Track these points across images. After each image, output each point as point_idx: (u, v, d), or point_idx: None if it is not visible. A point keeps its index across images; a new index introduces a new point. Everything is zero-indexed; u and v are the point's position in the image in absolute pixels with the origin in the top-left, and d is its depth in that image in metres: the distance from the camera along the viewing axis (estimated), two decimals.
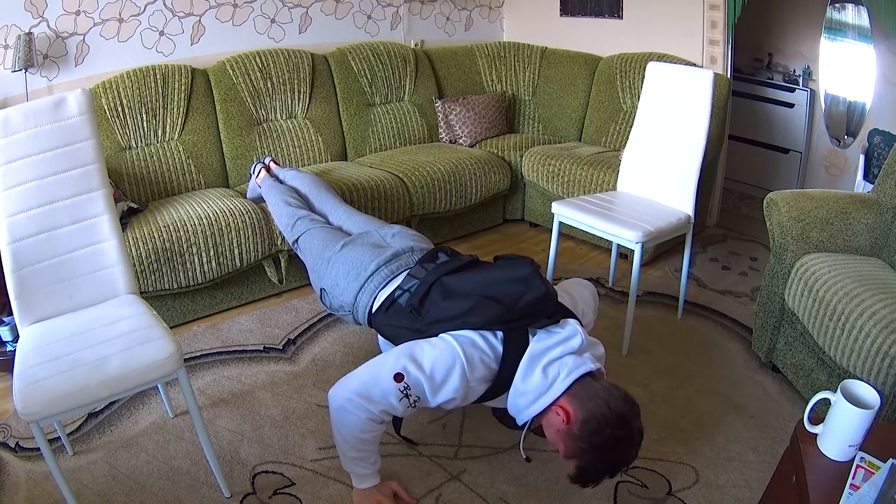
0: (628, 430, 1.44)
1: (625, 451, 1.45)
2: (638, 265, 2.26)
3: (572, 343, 1.56)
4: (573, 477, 1.48)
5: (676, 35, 3.40)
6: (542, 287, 1.61)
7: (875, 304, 1.72)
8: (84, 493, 1.70)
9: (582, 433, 1.44)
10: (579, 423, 1.44)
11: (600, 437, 1.42)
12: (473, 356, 1.52)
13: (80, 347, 1.52)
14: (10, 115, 1.56)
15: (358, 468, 1.64)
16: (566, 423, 1.47)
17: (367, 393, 1.51)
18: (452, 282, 1.70)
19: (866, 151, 3.11)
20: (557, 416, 1.48)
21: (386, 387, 1.50)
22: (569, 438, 1.46)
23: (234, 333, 2.50)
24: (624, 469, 1.50)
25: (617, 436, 1.43)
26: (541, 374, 1.52)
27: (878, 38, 3.14)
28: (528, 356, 1.54)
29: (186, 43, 3.07)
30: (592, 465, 1.45)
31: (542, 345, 1.55)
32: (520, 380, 1.53)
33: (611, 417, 1.42)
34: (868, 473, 1.17)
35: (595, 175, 3.06)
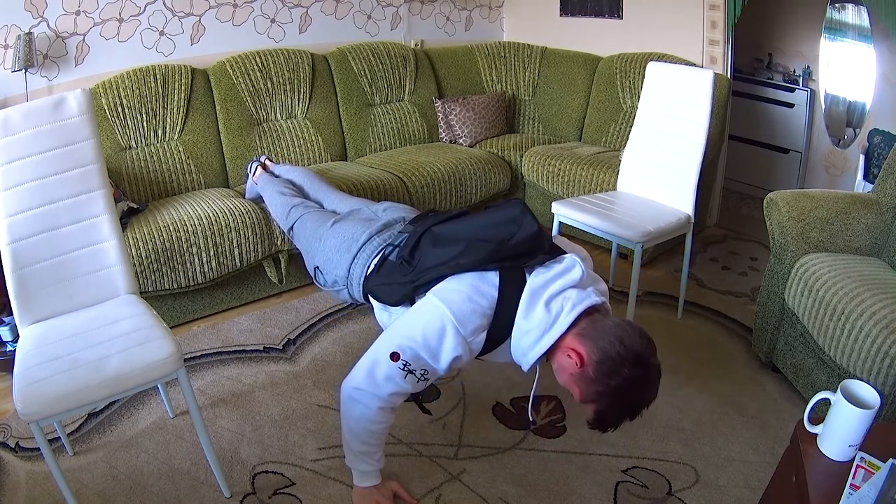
0: (646, 369, 1.36)
1: (644, 392, 1.38)
2: (638, 265, 2.26)
3: (572, 275, 1.49)
4: (592, 423, 1.42)
5: (676, 35, 3.40)
6: (534, 224, 1.57)
7: (875, 304, 1.72)
8: (84, 493, 1.70)
9: (597, 375, 1.36)
10: (594, 365, 1.36)
11: (618, 379, 1.34)
12: (463, 310, 1.44)
13: (80, 347, 1.52)
14: (10, 115, 1.56)
15: (362, 464, 1.63)
16: (580, 367, 1.39)
17: (373, 380, 1.48)
18: (442, 230, 1.67)
19: (866, 151, 3.11)
20: (569, 358, 1.41)
21: (387, 370, 1.47)
22: (584, 382, 1.39)
23: (234, 333, 2.50)
24: (644, 410, 1.41)
25: (635, 376, 1.35)
26: (543, 309, 1.44)
27: (878, 38, 3.14)
28: (527, 292, 1.46)
29: (186, 43, 3.07)
30: (611, 408, 1.38)
31: (541, 279, 1.48)
32: (522, 317, 1.45)
33: (627, 356, 1.34)
34: (868, 473, 1.17)
35: (595, 175, 3.05)
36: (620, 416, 1.40)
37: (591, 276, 1.58)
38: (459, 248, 1.56)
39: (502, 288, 1.47)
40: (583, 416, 2.03)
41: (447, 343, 1.44)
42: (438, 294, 1.49)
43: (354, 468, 1.65)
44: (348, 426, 1.57)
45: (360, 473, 1.66)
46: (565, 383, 1.46)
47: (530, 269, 1.52)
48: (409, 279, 1.60)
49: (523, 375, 2.23)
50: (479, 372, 2.25)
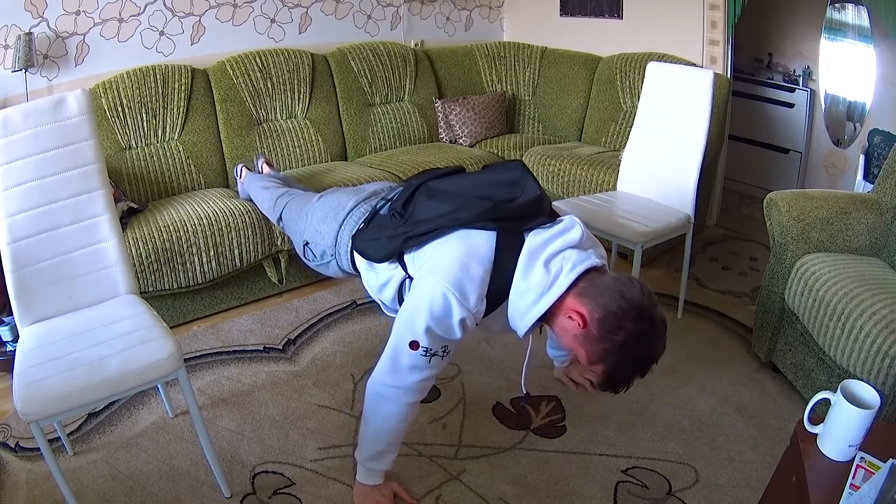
0: (650, 322, 1.33)
1: (650, 345, 1.34)
2: (638, 265, 2.26)
3: (572, 235, 1.46)
4: (602, 384, 1.39)
5: (676, 35, 3.39)
6: (536, 189, 1.52)
7: (875, 304, 1.72)
8: (84, 493, 1.70)
9: (601, 333, 1.33)
10: (597, 323, 1.33)
11: (622, 334, 1.31)
12: (462, 282, 1.39)
13: (80, 347, 1.52)
14: (10, 115, 1.56)
15: (375, 463, 1.61)
16: (583, 327, 1.35)
17: (399, 372, 1.46)
18: (438, 184, 1.62)
19: (866, 151, 3.10)
20: (571, 320, 1.37)
21: (410, 360, 1.45)
22: (588, 342, 1.35)
23: (234, 333, 2.50)
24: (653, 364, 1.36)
25: (640, 329, 1.31)
26: (542, 269, 1.40)
27: (878, 38, 3.14)
28: (525, 252, 1.42)
29: (186, 43, 3.07)
30: (620, 365, 1.35)
31: (540, 238, 1.44)
32: (520, 278, 1.41)
33: (629, 310, 1.31)
34: (868, 473, 1.17)
35: (595, 175, 3.05)
36: (630, 372, 1.37)
37: (590, 239, 1.54)
38: (457, 203, 1.51)
39: (499, 248, 1.43)
40: (583, 415, 2.04)
41: (455, 316, 1.40)
42: (434, 271, 1.43)
43: (365, 466, 1.63)
44: (374, 425, 1.54)
45: (368, 472, 1.64)
46: (570, 346, 1.42)
47: (528, 230, 1.47)
48: (401, 231, 1.56)
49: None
50: (480, 372, 2.25)
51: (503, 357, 2.34)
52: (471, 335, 1.47)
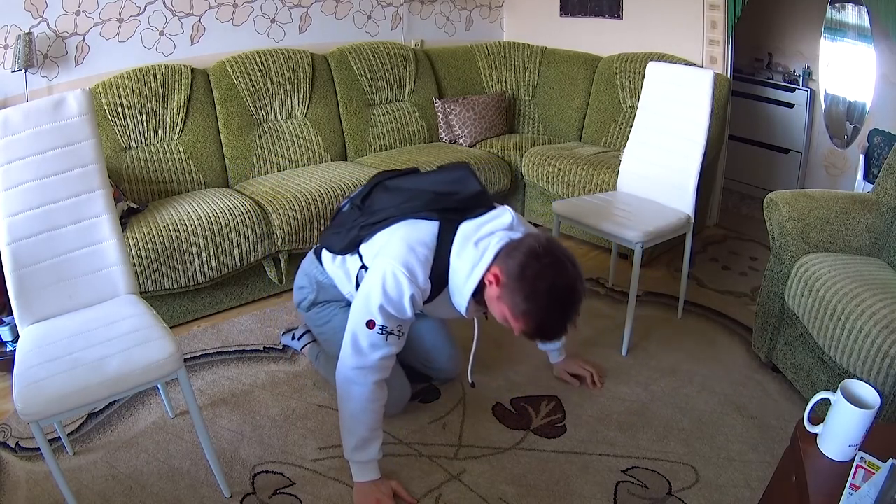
0: (554, 256, 1.44)
1: (561, 277, 1.43)
2: (638, 265, 2.26)
3: (502, 220, 1.61)
4: (536, 332, 1.48)
5: (676, 35, 3.40)
6: (477, 186, 1.70)
7: (875, 304, 1.72)
8: (84, 494, 1.70)
9: (514, 283, 1.44)
10: (509, 276, 1.45)
11: (530, 273, 1.42)
12: (409, 262, 1.54)
13: (80, 347, 1.52)
14: (10, 115, 1.56)
15: (363, 454, 1.63)
16: (499, 285, 1.48)
17: (360, 353, 1.58)
18: (394, 183, 1.80)
19: (866, 151, 3.11)
20: (492, 285, 1.50)
21: (368, 339, 1.57)
22: (507, 297, 1.46)
23: (234, 333, 2.50)
24: (578, 308, 1.45)
25: (545, 264, 1.43)
26: (473, 248, 1.56)
27: (878, 38, 3.14)
28: (459, 236, 1.59)
29: (186, 43, 3.07)
30: (542, 310, 1.43)
31: (473, 224, 1.60)
32: (456, 257, 1.57)
33: (531, 254, 1.43)
34: (868, 473, 1.17)
35: (595, 175, 3.05)
36: (553, 312, 1.44)
37: (522, 224, 1.68)
38: (406, 197, 1.69)
39: (441, 235, 1.59)
40: (583, 416, 2.04)
41: (406, 294, 1.54)
42: (385, 254, 1.59)
43: (354, 461, 1.66)
44: (349, 411, 1.62)
45: (359, 466, 1.66)
46: (498, 312, 1.52)
47: (466, 220, 1.63)
48: (359, 222, 1.74)
49: (524, 375, 2.24)
50: (479, 372, 2.25)
51: (503, 357, 2.34)
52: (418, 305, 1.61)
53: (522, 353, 2.38)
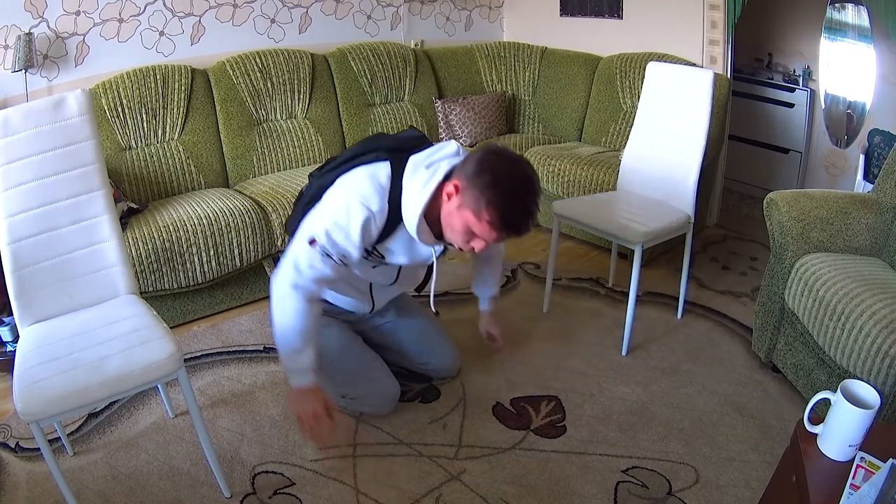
0: (501, 152, 1.55)
1: (523, 171, 1.52)
2: (638, 265, 2.26)
3: (449, 149, 1.67)
4: (502, 225, 1.52)
5: (676, 35, 3.40)
6: (420, 132, 1.80)
7: (875, 304, 1.72)
8: (84, 494, 1.70)
9: (477, 177, 1.50)
10: (470, 175, 1.51)
11: (490, 165, 1.50)
12: (363, 187, 1.60)
13: (80, 348, 1.52)
14: (10, 115, 1.56)
15: (297, 362, 1.65)
16: (458, 192, 1.54)
17: (298, 270, 1.61)
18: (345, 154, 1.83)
19: (866, 151, 3.11)
20: (449, 199, 1.56)
21: (308, 257, 1.60)
22: (469, 195, 1.51)
23: (235, 333, 2.50)
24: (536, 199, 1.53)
25: (505, 160, 1.52)
26: (424, 170, 1.61)
27: (878, 38, 3.14)
28: (410, 164, 1.63)
29: (186, 43, 3.07)
30: (506, 195, 1.49)
31: (422, 154, 1.66)
32: (408, 180, 1.61)
33: (484, 156, 1.53)
34: (868, 473, 1.17)
35: (595, 175, 3.06)
36: (515, 199, 1.50)
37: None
38: (356, 150, 1.74)
39: (393, 171, 1.63)
40: (583, 415, 2.04)
41: (354, 217, 1.57)
42: (340, 183, 1.65)
43: (290, 368, 1.67)
44: (283, 323, 1.63)
45: (295, 373, 1.66)
46: (461, 228, 1.56)
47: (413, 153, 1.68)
48: (317, 184, 1.75)
49: (524, 375, 2.24)
50: (479, 372, 2.25)
51: (503, 357, 2.35)
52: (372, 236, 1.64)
53: (523, 352, 2.38)
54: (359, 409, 2.01)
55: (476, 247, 1.59)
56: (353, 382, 1.97)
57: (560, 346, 2.42)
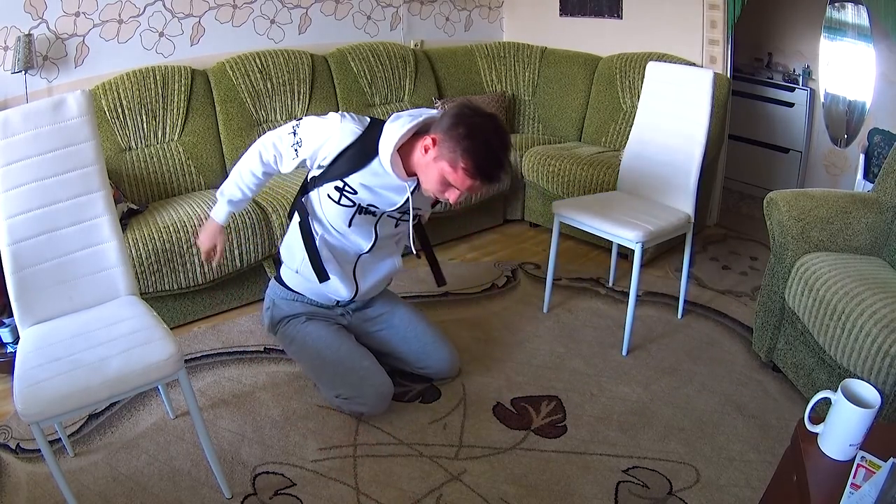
0: (481, 109, 1.67)
1: (491, 123, 1.65)
2: (638, 265, 2.26)
3: (429, 111, 1.78)
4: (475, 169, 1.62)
5: (676, 35, 3.40)
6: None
7: (875, 303, 1.72)
8: (85, 495, 1.70)
9: (453, 129, 1.62)
10: (446, 128, 1.63)
11: (466, 119, 1.62)
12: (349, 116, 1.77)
13: (80, 349, 1.52)
14: (9, 116, 1.56)
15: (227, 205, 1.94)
16: (434, 144, 1.66)
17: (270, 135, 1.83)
18: None
19: (866, 151, 3.11)
20: (426, 151, 1.67)
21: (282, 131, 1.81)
22: (445, 145, 1.63)
23: (235, 334, 2.50)
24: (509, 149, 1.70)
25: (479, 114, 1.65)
26: (407, 116, 1.74)
27: (877, 38, 3.14)
28: (392, 116, 1.77)
29: (186, 44, 3.07)
30: (481, 144, 1.61)
31: (403, 112, 1.78)
32: (389, 123, 1.73)
33: (458, 110, 1.65)
34: (869, 473, 1.17)
35: (595, 175, 3.06)
36: (490, 149, 1.63)
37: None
38: None
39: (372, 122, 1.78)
40: (583, 416, 2.04)
41: (330, 118, 1.76)
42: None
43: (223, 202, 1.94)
44: (240, 167, 1.89)
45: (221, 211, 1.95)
46: (437, 178, 1.67)
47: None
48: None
49: (524, 375, 2.24)
50: (480, 372, 2.25)
51: (503, 357, 2.35)
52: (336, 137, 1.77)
53: (523, 352, 2.38)
54: (355, 409, 2.00)
55: (451, 197, 1.70)
56: (345, 381, 1.97)
57: (560, 346, 2.42)
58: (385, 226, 1.94)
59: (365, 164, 1.76)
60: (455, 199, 1.70)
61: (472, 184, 1.65)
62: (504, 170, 1.68)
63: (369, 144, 1.74)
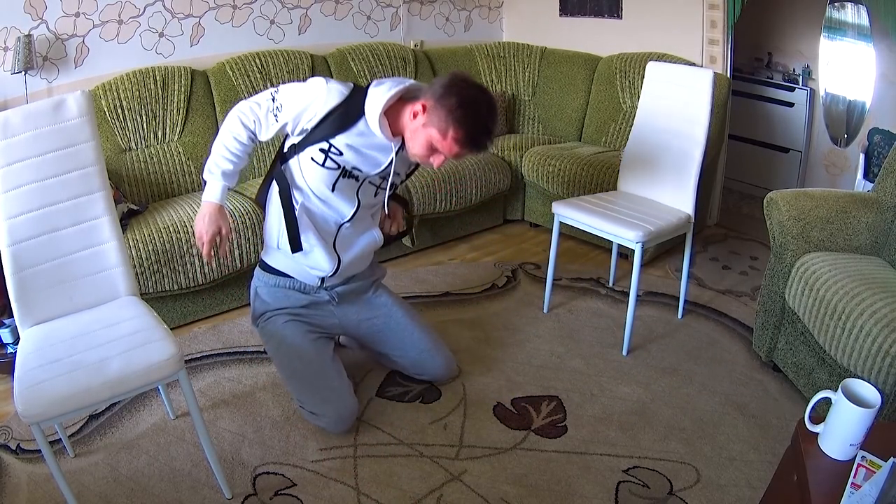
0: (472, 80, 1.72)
1: (480, 94, 1.69)
2: (638, 265, 2.26)
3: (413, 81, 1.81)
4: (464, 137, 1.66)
5: (676, 35, 3.40)
6: None
7: (875, 302, 1.72)
8: (85, 495, 1.70)
9: (444, 97, 1.65)
10: (437, 95, 1.66)
11: (457, 87, 1.66)
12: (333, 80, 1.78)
13: (80, 349, 1.52)
14: (9, 117, 1.56)
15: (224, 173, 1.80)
16: (424, 111, 1.69)
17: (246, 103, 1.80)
18: None
19: (866, 150, 3.11)
20: (415, 116, 1.71)
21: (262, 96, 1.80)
22: (435, 113, 1.66)
23: (235, 335, 2.50)
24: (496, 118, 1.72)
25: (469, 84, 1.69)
26: (391, 81, 1.77)
27: (877, 38, 3.14)
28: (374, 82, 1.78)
29: (186, 44, 3.07)
30: (471, 112, 1.65)
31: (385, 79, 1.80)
32: (373, 88, 1.75)
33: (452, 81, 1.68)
34: (869, 472, 1.17)
35: (595, 175, 3.06)
36: (479, 117, 1.67)
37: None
38: None
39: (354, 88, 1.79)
40: (584, 416, 2.04)
41: (314, 81, 1.76)
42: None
43: (216, 179, 1.81)
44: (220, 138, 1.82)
45: (216, 188, 1.81)
46: (424, 141, 1.70)
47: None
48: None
49: (524, 375, 2.24)
50: (480, 372, 2.25)
51: (503, 357, 2.35)
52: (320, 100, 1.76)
53: (523, 353, 2.38)
54: (315, 423, 1.96)
55: (436, 162, 1.73)
56: (310, 396, 1.93)
57: (561, 346, 2.42)
58: (366, 194, 1.92)
59: (351, 125, 1.77)
60: (439, 164, 1.75)
61: (460, 151, 1.70)
62: (491, 139, 1.73)
63: (354, 106, 1.76)
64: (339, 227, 1.94)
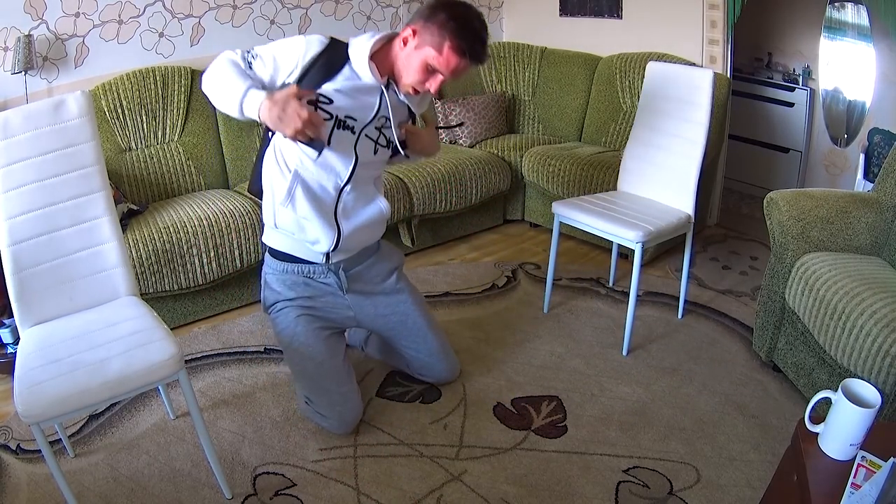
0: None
1: (470, 9, 1.69)
2: (638, 265, 2.26)
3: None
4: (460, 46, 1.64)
5: (676, 35, 3.40)
6: None
7: (875, 302, 1.72)
8: (85, 495, 1.70)
9: (429, 20, 1.65)
10: (426, 15, 1.66)
11: (440, 8, 1.65)
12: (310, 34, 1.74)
13: (81, 349, 1.52)
14: (9, 117, 1.56)
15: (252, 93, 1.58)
16: (414, 35, 1.67)
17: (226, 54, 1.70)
18: None
19: (866, 150, 3.11)
20: (405, 43, 1.69)
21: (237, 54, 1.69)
22: (428, 31, 1.65)
23: (235, 335, 2.50)
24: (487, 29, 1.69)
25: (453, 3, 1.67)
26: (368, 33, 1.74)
27: (877, 38, 3.14)
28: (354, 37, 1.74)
29: (186, 44, 3.07)
30: (463, 22, 1.64)
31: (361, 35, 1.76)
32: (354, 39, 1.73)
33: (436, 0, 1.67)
34: (869, 472, 1.17)
35: (595, 175, 3.06)
36: (470, 27, 1.66)
37: None
38: None
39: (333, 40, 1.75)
40: (584, 416, 2.04)
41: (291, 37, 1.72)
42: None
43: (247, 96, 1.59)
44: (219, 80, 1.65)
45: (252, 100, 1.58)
46: (418, 63, 1.68)
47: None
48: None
49: (525, 375, 2.24)
50: (480, 372, 2.25)
51: (503, 358, 2.35)
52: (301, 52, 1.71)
53: (523, 353, 2.38)
54: (317, 421, 1.96)
55: (433, 86, 1.72)
56: (317, 395, 1.92)
57: (561, 346, 2.42)
58: (364, 149, 1.81)
59: (336, 72, 1.73)
60: (436, 86, 1.72)
61: (458, 63, 1.67)
62: (486, 51, 1.71)
63: (337, 54, 1.73)
64: (339, 192, 1.83)
